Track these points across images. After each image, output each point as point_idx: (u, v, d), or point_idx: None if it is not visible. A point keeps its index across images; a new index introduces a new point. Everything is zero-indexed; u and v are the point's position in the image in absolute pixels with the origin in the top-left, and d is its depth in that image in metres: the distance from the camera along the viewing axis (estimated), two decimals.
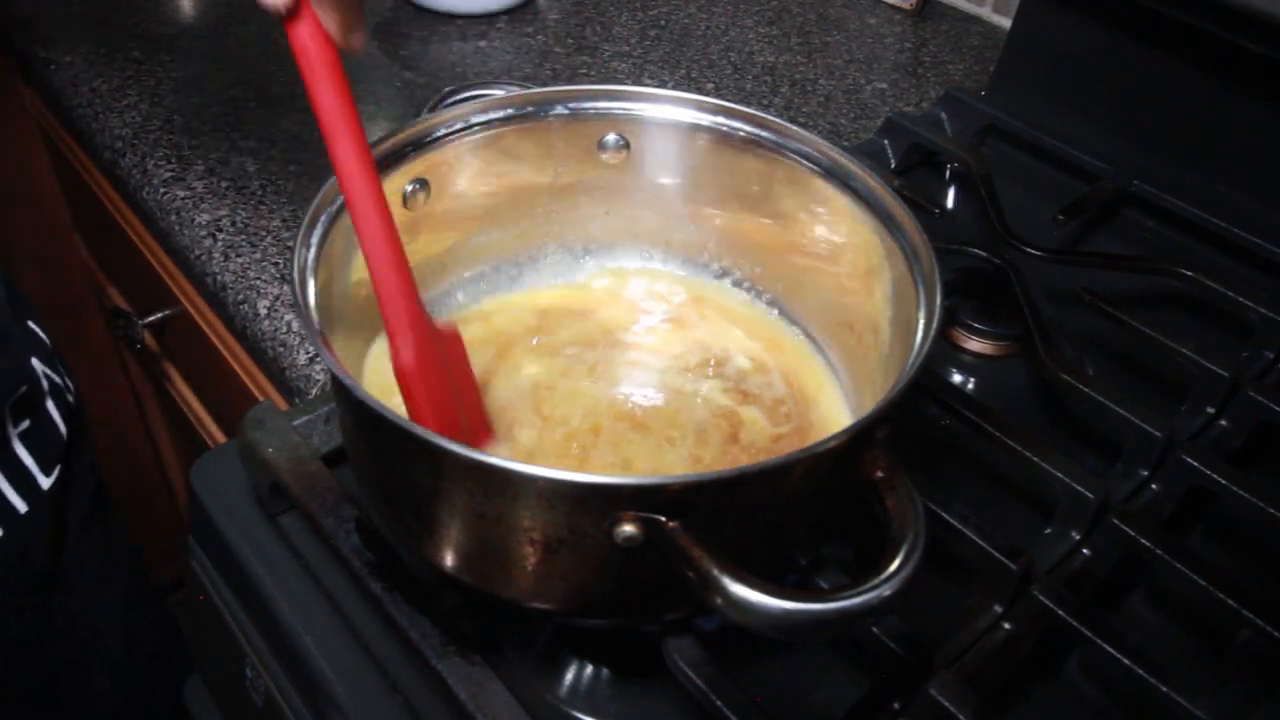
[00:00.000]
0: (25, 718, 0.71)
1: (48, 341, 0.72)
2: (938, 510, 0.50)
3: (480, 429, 0.49)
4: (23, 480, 0.65)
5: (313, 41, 0.41)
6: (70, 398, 0.73)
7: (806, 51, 1.04)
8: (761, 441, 0.52)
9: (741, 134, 0.53)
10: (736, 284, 0.59)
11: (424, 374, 0.44)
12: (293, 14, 0.40)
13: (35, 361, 0.69)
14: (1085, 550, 0.53)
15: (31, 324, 0.72)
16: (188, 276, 0.79)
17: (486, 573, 0.43)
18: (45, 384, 0.69)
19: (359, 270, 0.50)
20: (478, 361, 0.53)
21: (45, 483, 0.67)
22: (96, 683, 0.76)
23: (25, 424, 0.66)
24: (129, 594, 0.79)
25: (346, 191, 0.43)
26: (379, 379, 0.52)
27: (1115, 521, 0.52)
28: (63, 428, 0.70)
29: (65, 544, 0.71)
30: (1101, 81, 0.83)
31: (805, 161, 0.52)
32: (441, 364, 0.46)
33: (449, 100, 0.53)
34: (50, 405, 0.69)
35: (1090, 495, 0.52)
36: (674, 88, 0.69)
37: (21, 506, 0.65)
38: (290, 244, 0.43)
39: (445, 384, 0.46)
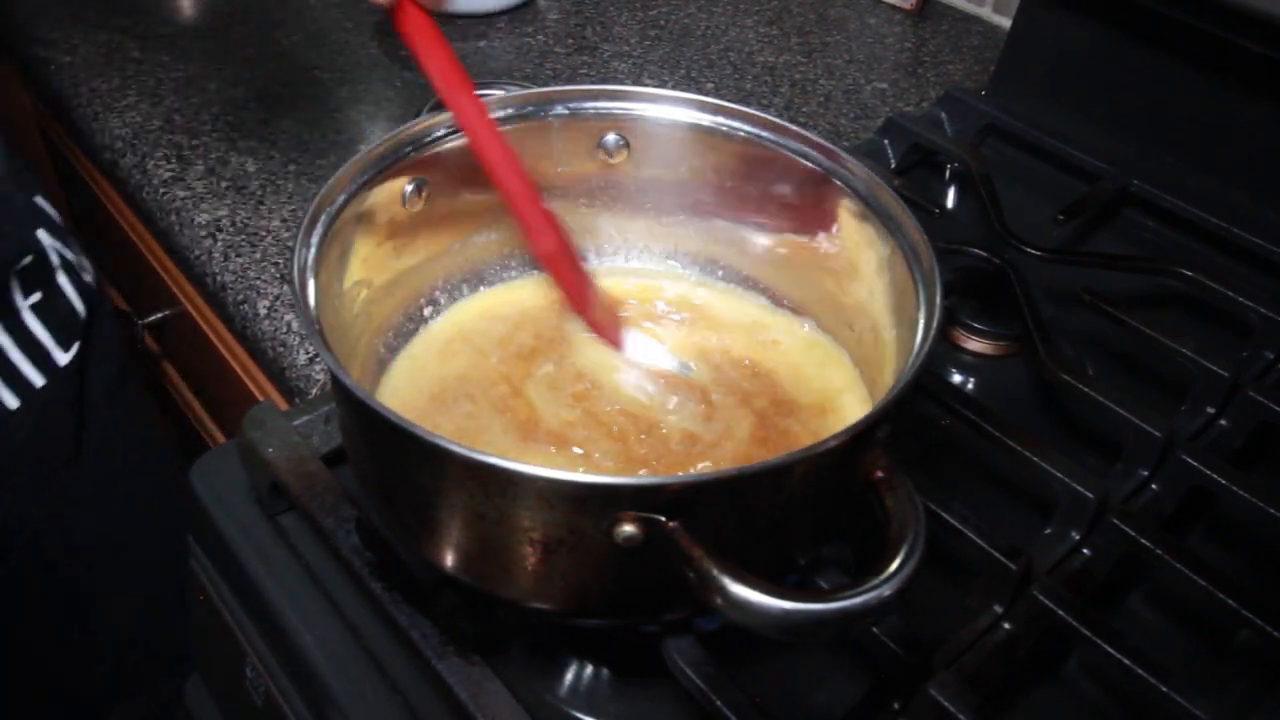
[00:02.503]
0: (46, 592, 0.71)
1: (58, 219, 0.72)
2: (938, 510, 0.50)
3: (611, 304, 0.56)
4: (38, 354, 0.65)
5: (414, 17, 0.48)
6: (87, 276, 0.72)
7: (806, 51, 1.04)
8: (761, 440, 0.52)
9: (741, 134, 0.53)
10: (736, 283, 0.59)
11: (563, 255, 0.52)
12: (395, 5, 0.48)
13: (42, 234, 0.68)
14: (1085, 550, 0.53)
15: (40, 200, 0.71)
16: (188, 276, 0.79)
17: (486, 573, 0.43)
18: (55, 258, 0.69)
19: (359, 270, 0.50)
20: (478, 359, 0.53)
21: (63, 359, 0.67)
22: (114, 561, 0.75)
23: (37, 296, 0.66)
24: (154, 476, 0.78)
25: (471, 132, 0.50)
26: (380, 379, 0.52)
27: (1115, 521, 0.52)
28: (79, 304, 0.70)
29: (87, 423, 0.70)
30: (1101, 81, 0.83)
31: (805, 161, 0.52)
32: (570, 246, 0.53)
33: None
34: (64, 280, 0.69)
35: (1090, 495, 0.52)
36: (674, 88, 0.69)
37: (38, 380, 0.65)
38: (290, 244, 0.44)
39: (577, 263, 0.54)
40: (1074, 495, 0.52)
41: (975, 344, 0.68)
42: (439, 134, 0.51)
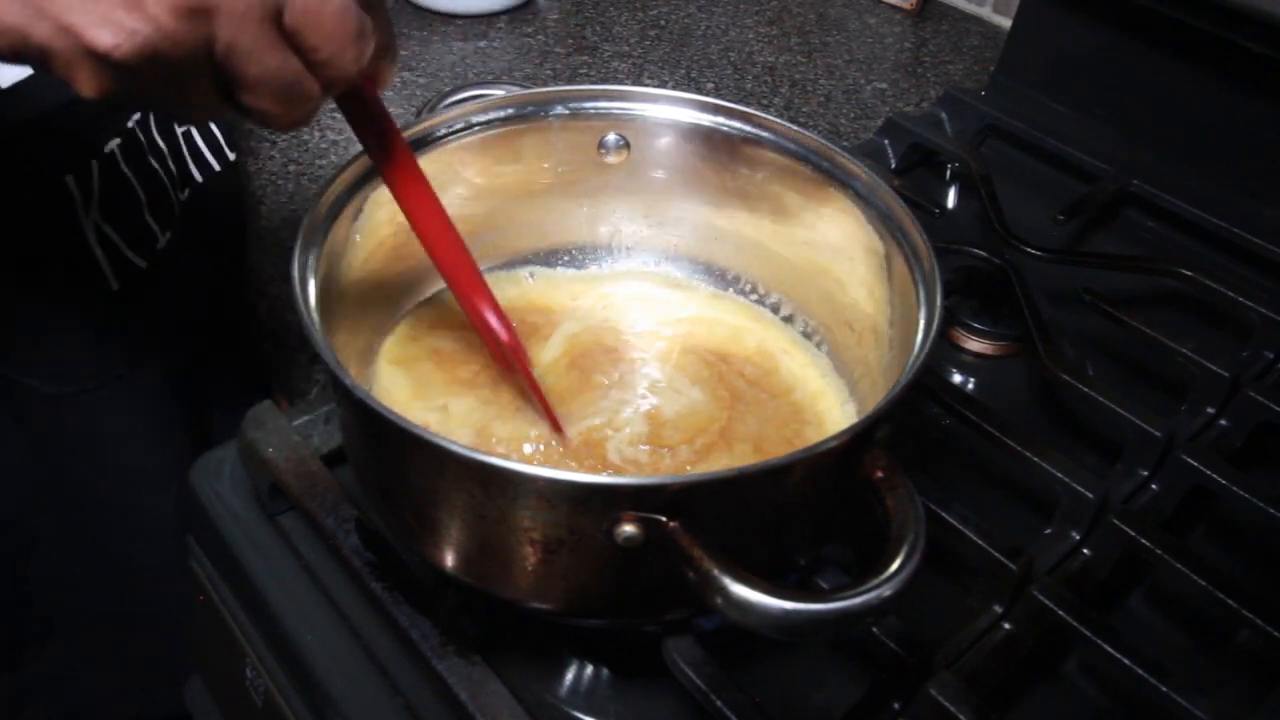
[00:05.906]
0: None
1: None
2: (938, 510, 0.50)
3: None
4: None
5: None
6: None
7: (806, 51, 1.04)
8: (761, 440, 0.52)
9: (741, 134, 0.53)
10: (737, 283, 0.59)
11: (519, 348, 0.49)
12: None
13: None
14: (1085, 550, 0.53)
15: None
16: None
17: (486, 573, 0.43)
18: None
19: (359, 271, 0.50)
20: (480, 360, 0.53)
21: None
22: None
23: None
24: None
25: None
26: (381, 379, 0.52)
27: (1115, 521, 0.52)
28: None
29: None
30: (1101, 81, 0.83)
31: (805, 162, 0.52)
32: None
33: (449, 100, 0.53)
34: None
35: (1090, 495, 0.52)
36: (674, 88, 0.69)
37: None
38: (290, 244, 0.44)
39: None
40: (1074, 495, 0.52)
41: (975, 344, 0.68)
42: (439, 134, 0.51)
